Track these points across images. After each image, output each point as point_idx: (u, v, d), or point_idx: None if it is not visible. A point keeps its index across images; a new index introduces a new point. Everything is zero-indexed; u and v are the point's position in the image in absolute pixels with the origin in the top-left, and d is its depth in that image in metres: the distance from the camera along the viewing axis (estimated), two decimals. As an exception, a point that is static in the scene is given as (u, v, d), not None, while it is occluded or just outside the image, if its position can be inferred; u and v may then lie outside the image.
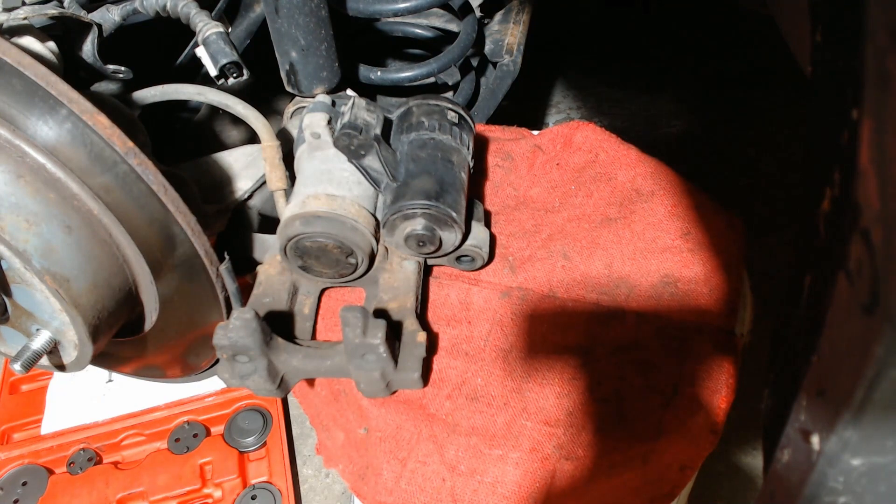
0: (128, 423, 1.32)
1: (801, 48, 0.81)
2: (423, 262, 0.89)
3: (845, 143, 0.39)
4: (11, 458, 1.29)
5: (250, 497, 1.24)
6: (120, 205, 0.82)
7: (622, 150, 1.02)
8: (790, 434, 0.47)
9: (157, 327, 0.97)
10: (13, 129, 0.79)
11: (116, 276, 0.87)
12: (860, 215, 0.37)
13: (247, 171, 1.06)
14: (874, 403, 0.37)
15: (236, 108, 0.95)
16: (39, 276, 0.80)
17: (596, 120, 1.96)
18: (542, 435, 0.76)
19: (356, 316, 0.72)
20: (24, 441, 1.33)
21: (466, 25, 1.26)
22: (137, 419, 1.33)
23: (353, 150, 0.81)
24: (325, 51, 1.02)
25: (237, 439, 1.31)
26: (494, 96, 1.37)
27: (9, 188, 0.79)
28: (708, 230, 0.91)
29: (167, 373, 1.12)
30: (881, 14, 0.34)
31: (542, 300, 0.88)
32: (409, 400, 0.81)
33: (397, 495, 0.77)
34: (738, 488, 1.33)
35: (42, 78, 0.75)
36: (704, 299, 0.85)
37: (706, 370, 0.79)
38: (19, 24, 0.88)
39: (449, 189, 0.82)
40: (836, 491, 0.43)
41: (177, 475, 1.24)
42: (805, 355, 0.45)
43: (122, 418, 1.33)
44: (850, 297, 0.38)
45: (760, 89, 2.12)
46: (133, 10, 1.04)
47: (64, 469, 1.28)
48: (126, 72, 0.99)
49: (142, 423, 1.32)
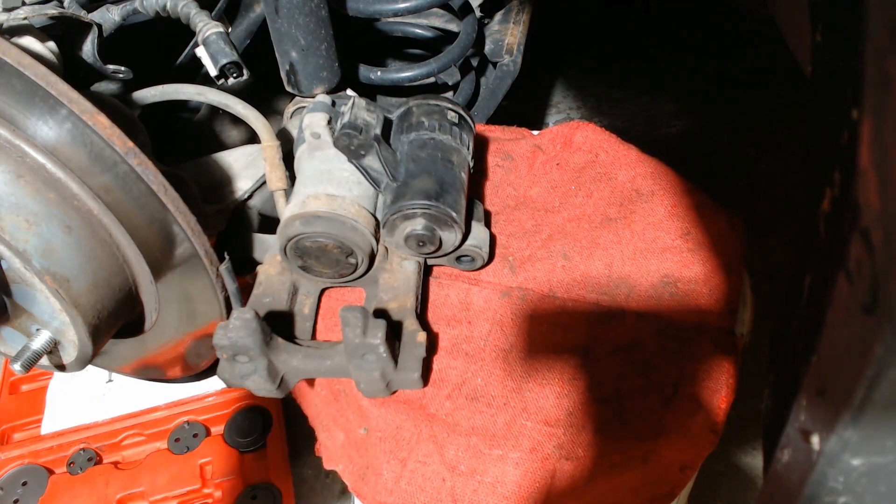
0: (128, 423, 1.32)
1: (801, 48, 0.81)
2: (423, 262, 0.89)
3: (845, 143, 0.39)
4: (11, 458, 1.29)
5: (250, 497, 1.23)
6: (120, 205, 0.82)
7: (622, 150, 1.02)
8: (790, 434, 0.47)
9: (157, 327, 0.97)
10: (13, 129, 0.79)
11: (116, 276, 0.87)
12: (860, 215, 0.37)
13: (247, 171, 1.06)
14: (874, 403, 0.37)
15: (236, 108, 0.95)
16: (39, 276, 0.80)
17: (596, 120, 1.96)
18: (542, 435, 0.76)
19: (356, 316, 0.72)
20: (24, 441, 1.33)
21: (466, 25, 1.26)
22: (137, 419, 1.33)
23: (353, 150, 0.81)
24: (325, 51, 1.02)
25: (237, 439, 1.31)
26: (494, 96, 1.37)
27: (9, 188, 0.79)
28: (708, 230, 0.91)
29: (167, 373, 1.12)
30: (881, 14, 0.34)
31: (542, 300, 0.88)
32: (409, 400, 0.81)
33: (397, 495, 0.77)
34: (738, 488, 1.33)
35: (42, 78, 0.75)
36: (704, 299, 0.85)
37: (706, 370, 0.79)
38: (19, 24, 0.88)
39: (449, 189, 0.82)
40: (836, 491, 0.43)
41: (177, 475, 1.24)
42: (805, 355, 0.45)
43: (122, 418, 1.33)
44: (850, 297, 0.38)
45: (760, 89, 2.12)
46: (133, 10, 1.04)
47: (64, 469, 1.28)
48: (126, 72, 0.99)
49: (142, 423, 1.32)
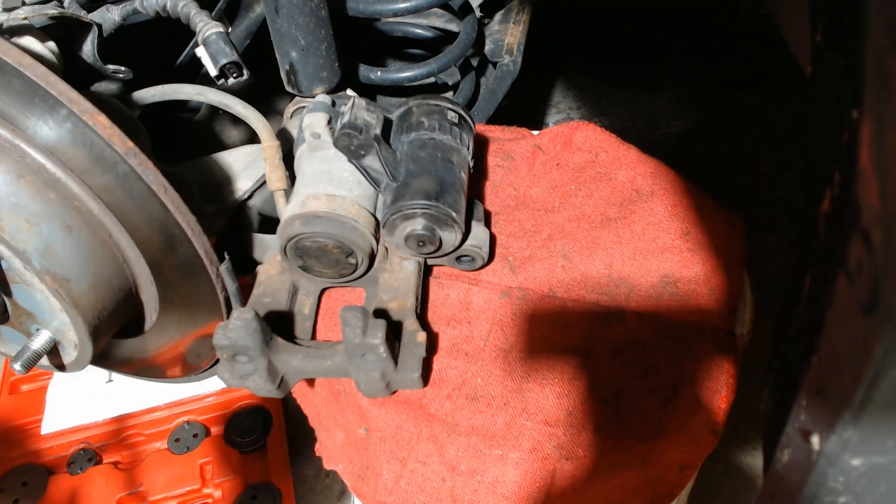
0: (128, 423, 1.32)
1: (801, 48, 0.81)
2: (423, 262, 0.89)
3: (845, 143, 0.39)
4: (11, 458, 1.29)
5: (250, 497, 1.23)
6: (120, 205, 0.82)
7: (622, 150, 1.02)
8: (790, 434, 0.47)
9: (157, 327, 0.97)
10: (13, 129, 0.79)
11: (116, 276, 0.87)
12: (860, 215, 0.37)
13: (247, 171, 1.06)
14: (874, 403, 0.37)
15: (236, 108, 0.95)
16: (39, 276, 0.80)
17: (596, 120, 1.96)
18: (542, 435, 0.76)
19: (356, 316, 0.72)
20: (24, 441, 1.33)
21: (466, 25, 1.26)
22: (137, 419, 1.33)
23: (353, 150, 0.81)
24: (325, 51, 1.02)
25: (237, 439, 1.31)
26: (494, 96, 1.37)
27: (9, 188, 0.79)
28: (708, 230, 0.91)
29: (167, 373, 1.12)
30: (881, 14, 0.34)
31: (542, 300, 0.88)
32: (409, 400, 0.81)
33: (397, 495, 0.77)
34: (738, 488, 1.33)
35: (42, 78, 0.75)
36: (704, 299, 0.85)
37: (706, 370, 0.79)
38: (19, 24, 0.88)
39: (449, 189, 0.82)
40: (836, 491, 0.43)
41: (177, 475, 1.24)
42: (805, 355, 0.45)
43: (122, 418, 1.33)
44: (850, 297, 0.38)
45: (760, 89, 2.12)
46: (133, 10, 1.03)
47: (64, 469, 1.28)
48: (126, 72, 0.99)
49: (142, 423, 1.32)
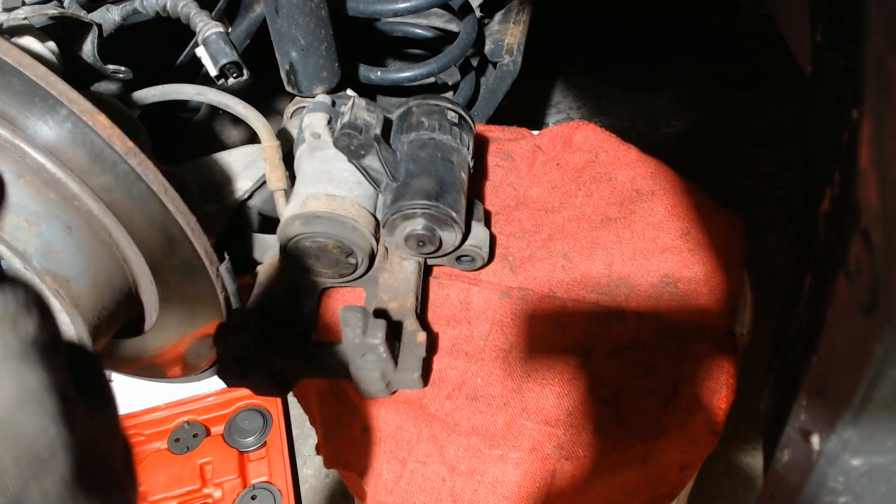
0: (128, 423, 1.32)
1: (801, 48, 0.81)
2: (423, 262, 0.89)
3: (845, 143, 0.39)
4: (11, 458, 1.29)
5: (250, 497, 1.24)
6: (120, 205, 0.82)
7: (622, 150, 1.02)
8: (790, 434, 0.47)
9: (157, 327, 0.96)
10: (13, 129, 0.79)
11: (117, 276, 0.87)
12: (860, 215, 0.37)
13: (247, 171, 1.06)
14: (874, 403, 0.37)
15: (236, 108, 0.95)
16: (40, 276, 0.80)
17: (596, 120, 1.96)
18: (542, 435, 0.76)
19: (356, 316, 0.72)
20: (24, 441, 1.33)
21: (466, 25, 1.26)
22: (137, 419, 1.33)
23: (353, 150, 0.81)
24: (325, 51, 1.02)
25: (237, 439, 1.31)
26: (494, 96, 1.37)
27: (9, 188, 0.79)
28: (708, 230, 0.91)
29: (167, 373, 1.11)
30: (881, 14, 0.34)
31: (542, 300, 0.88)
32: (409, 400, 0.81)
33: (397, 495, 0.77)
34: (738, 488, 1.33)
35: (42, 78, 0.75)
36: (704, 299, 0.85)
37: (706, 370, 0.79)
38: (19, 24, 0.88)
39: (449, 189, 0.82)
40: (836, 491, 0.43)
41: (177, 475, 1.24)
42: (805, 355, 0.45)
43: (122, 418, 1.33)
44: (850, 297, 0.38)
45: (760, 89, 2.12)
46: (133, 10, 1.03)
47: (64, 469, 1.28)
48: (126, 72, 0.99)
49: (142, 423, 1.32)
